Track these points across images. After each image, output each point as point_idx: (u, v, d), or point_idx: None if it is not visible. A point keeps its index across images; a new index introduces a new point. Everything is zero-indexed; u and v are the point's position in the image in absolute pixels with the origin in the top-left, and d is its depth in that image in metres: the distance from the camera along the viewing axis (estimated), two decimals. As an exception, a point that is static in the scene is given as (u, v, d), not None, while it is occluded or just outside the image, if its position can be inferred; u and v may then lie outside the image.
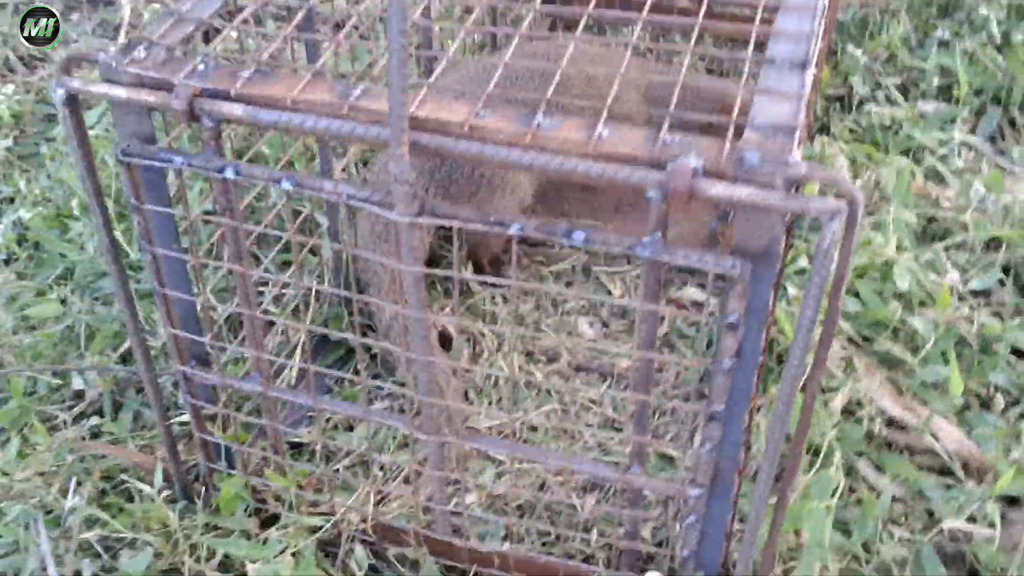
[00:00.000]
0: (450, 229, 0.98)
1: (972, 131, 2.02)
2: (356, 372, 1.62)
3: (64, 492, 1.43)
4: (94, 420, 1.57)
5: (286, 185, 1.02)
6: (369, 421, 1.24)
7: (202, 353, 1.30)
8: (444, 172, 1.69)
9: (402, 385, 1.64)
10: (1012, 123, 2.07)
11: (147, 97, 1.03)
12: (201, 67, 1.05)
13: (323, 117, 1.00)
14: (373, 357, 1.68)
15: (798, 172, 0.88)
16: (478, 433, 1.49)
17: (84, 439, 1.53)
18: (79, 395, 1.63)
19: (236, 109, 1.02)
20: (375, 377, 1.66)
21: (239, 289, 1.19)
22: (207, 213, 1.82)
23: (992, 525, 1.36)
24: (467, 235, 1.74)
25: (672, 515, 1.46)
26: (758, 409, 1.35)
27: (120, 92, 1.04)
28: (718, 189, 0.89)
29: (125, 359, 1.67)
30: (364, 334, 1.70)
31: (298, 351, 1.62)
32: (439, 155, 0.98)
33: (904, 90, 2.16)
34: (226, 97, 1.02)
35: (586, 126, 0.95)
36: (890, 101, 2.14)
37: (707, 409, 1.05)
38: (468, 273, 1.76)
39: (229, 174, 1.04)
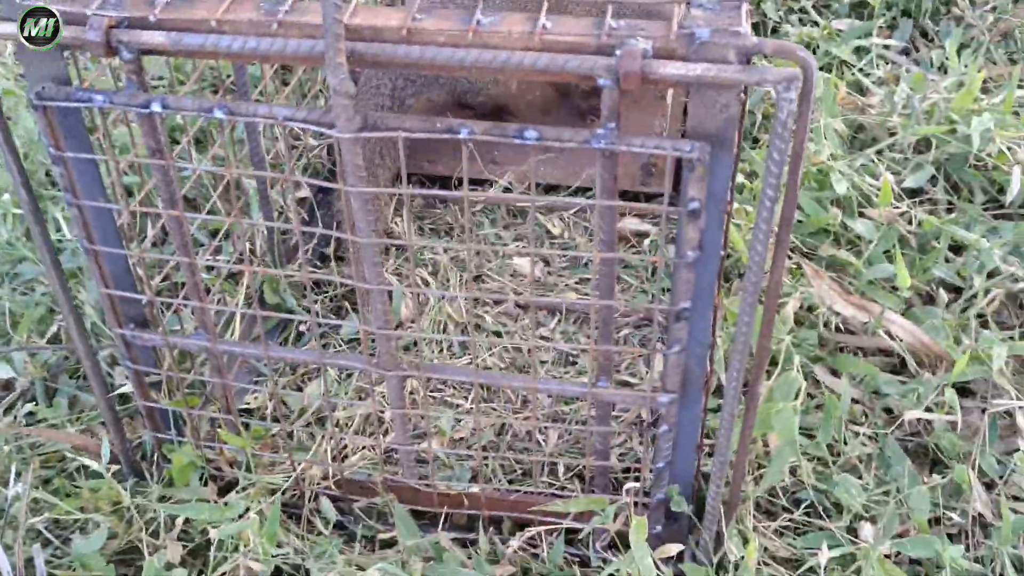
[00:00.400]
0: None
1: (886, 45, 2.05)
2: (307, 311, 1.58)
3: (4, 482, 1.36)
4: (28, 408, 1.49)
5: (219, 113, 0.97)
6: (324, 366, 1.19)
7: (140, 315, 1.24)
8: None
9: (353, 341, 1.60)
10: (924, 34, 2.10)
11: (58, 34, 0.97)
12: (113, -3, 0.99)
13: (252, 36, 0.95)
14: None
15: (750, 43, 0.86)
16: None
17: (21, 426, 1.45)
18: (7, 385, 1.55)
19: (157, 36, 0.96)
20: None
21: (175, 239, 1.13)
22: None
23: (951, 411, 1.38)
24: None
25: (638, 440, 1.45)
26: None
27: (28, 31, 0.98)
28: (671, 68, 0.87)
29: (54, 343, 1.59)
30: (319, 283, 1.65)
31: (240, 303, 1.56)
32: (377, 64, 0.93)
33: (817, 12, 2.18)
34: (145, 25, 0.97)
35: (528, 19, 0.92)
36: (803, 23, 2.15)
37: (673, 308, 1.03)
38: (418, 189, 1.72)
39: (156, 107, 0.98)
